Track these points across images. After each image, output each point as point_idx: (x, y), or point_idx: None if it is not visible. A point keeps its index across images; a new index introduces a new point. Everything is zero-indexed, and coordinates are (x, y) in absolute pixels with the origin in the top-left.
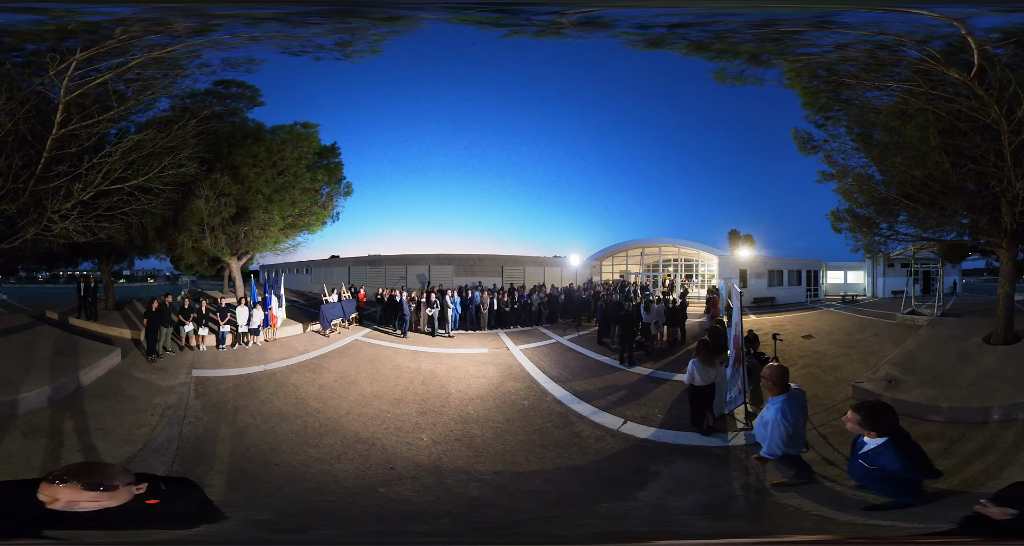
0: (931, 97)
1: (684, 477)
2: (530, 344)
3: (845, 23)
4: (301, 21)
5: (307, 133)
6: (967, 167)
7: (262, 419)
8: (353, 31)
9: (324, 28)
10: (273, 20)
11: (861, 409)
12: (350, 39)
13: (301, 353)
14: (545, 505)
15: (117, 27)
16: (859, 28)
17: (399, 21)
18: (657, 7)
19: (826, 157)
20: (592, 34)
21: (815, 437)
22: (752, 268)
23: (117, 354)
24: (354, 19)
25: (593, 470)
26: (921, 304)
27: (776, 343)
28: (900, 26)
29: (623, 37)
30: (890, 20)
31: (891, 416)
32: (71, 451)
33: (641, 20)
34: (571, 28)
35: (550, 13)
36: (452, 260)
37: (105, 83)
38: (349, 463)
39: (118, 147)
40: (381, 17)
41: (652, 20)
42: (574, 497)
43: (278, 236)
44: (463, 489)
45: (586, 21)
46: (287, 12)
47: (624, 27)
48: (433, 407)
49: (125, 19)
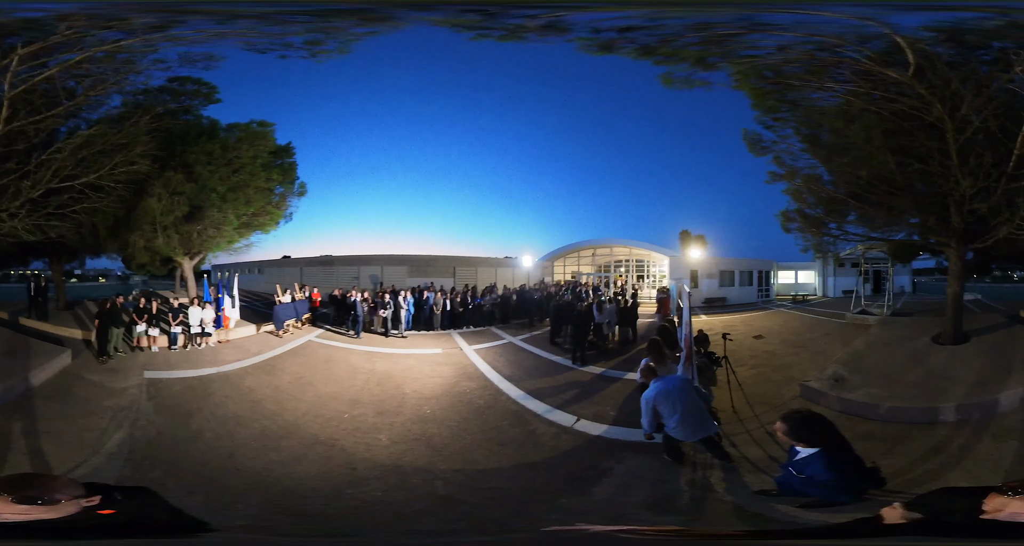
0: (874, 97)
1: (635, 473)
2: (483, 344)
3: (778, 25)
4: (278, 19)
5: (263, 132)
6: (913, 166)
7: (218, 422)
8: (327, 30)
9: (299, 26)
10: (246, 17)
11: (789, 419)
12: (321, 38)
13: (255, 354)
14: (510, 501)
15: (62, 23)
16: (792, 30)
17: (381, 22)
18: (607, 11)
19: (775, 158)
20: (551, 38)
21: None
22: (703, 268)
23: (68, 355)
24: (333, 19)
25: (550, 467)
26: (871, 304)
27: (726, 343)
28: (828, 27)
29: (579, 41)
30: (816, 22)
31: (820, 427)
32: (18, 455)
33: (594, 24)
34: (534, 32)
35: (522, 16)
36: (405, 261)
37: (53, 79)
38: (311, 465)
39: (68, 144)
40: (369, 17)
41: (603, 24)
42: (533, 493)
43: (232, 236)
44: (429, 488)
45: (548, 25)
46: (264, 11)
47: (579, 32)
48: (390, 407)
49: (70, 15)
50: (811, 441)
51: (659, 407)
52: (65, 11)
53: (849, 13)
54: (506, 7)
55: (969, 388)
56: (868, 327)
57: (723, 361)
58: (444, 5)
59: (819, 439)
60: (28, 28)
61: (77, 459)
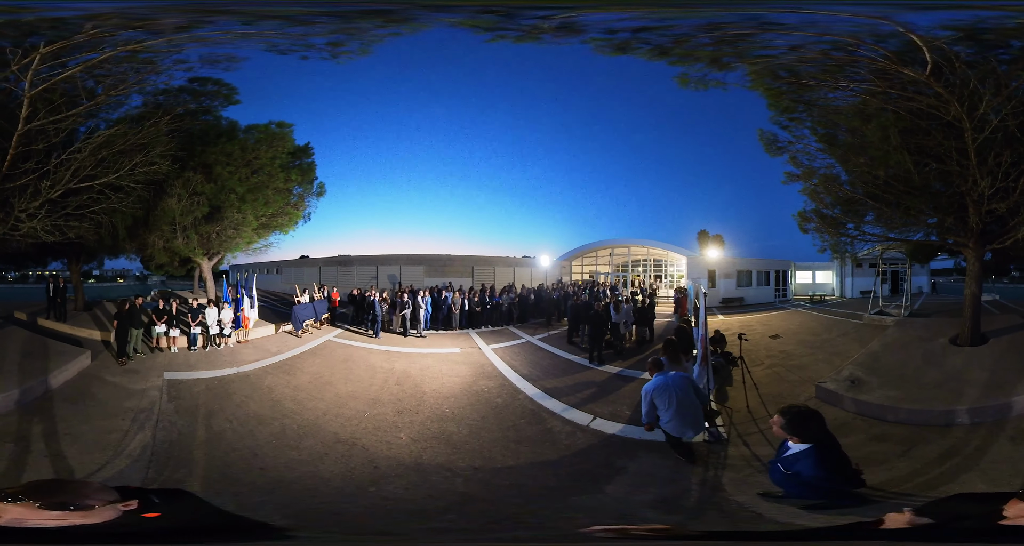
0: (891, 96)
1: (648, 472)
2: (501, 343)
3: (788, 25)
4: (302, 20)
5: (282, 133)
6: (931, 166)
7: (239, 422)
8: (350, 31)
9: (322, 27)
10: (271, 18)
11: (786, 413)
12: (343, 39)
13: (274, 354)
14: (524, 498)
15: (88, 22)
16: (803, 29)
17: (403, 23)
18: (621, 11)
19: (792, 158)
20: (566, 39)
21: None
22: (721, 268)
23: (87, 356)
24: (357, 19)
25: (566, 465)
26: (889, 304)
27: (742, 343)
28: (841, 26)
29: (593, 42)
30: (827, 21)
31: (816, 423)
32: (39, 458)
33: (608, 24)
34: (549, 33)
35: (535, 17)
36: (423, 260)
37: (74, 78)
38: (333, 464)
39: (88, 143)
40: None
41: (617, 24)
42: (549, 491)
43: (251, 236)
44: (449, 485)
45: (563, 25)
46: (290, 11)
47: (594, 32)
48: (409, 406)
49: (98, 14)
50: (804, 437)
51: (656, 400)
52: (94, 10)
53: (863, 12)
54: (520, 8)
55: (987, 390)
56: (885, 328)
57: (739, 361)
58: (463, 6)
59: (813, 435)
60: (53, 27)
61: (99, 461)
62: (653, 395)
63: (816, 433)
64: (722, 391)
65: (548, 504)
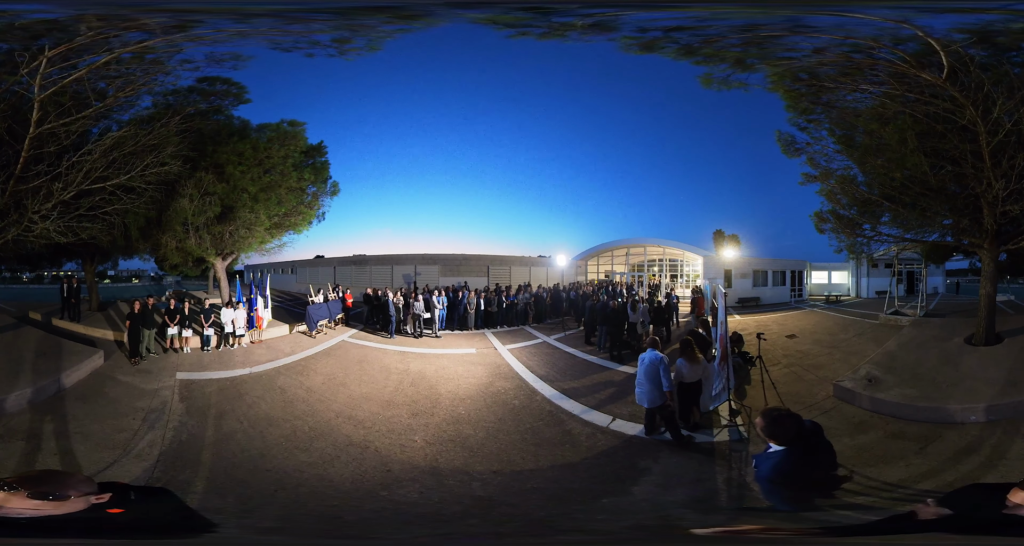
0: (908, 99)
1: (673, 472)
2: (517, 344)
3: (815, 27)
4: (298, 17)
5: (294, 131)
6: (946, 168)
7: (249, 423)
8: (354, 28)
9: (322, 24)
10: (263, 16)
11: (765, 416)
12: (348, 36)
13: (287, 355)
14: (550, 502)
15: (80, 24)
16: (827, 31)
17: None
18: (656, 11)
19: (809, 159)
20: (594, 37)
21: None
22: (737, 268)
23: (100, 356)
24: (357, 16)
25: (588, 467)
26: (905, 304)
27: (760, 342)
28: (864, 29)
29: (622, 41)
30: (853, 24)
31: (789, 427)
32: (49, 456)
33: (641, 23)
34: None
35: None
36: (438, 260)
37: (83, 80)
38: (344, 467)
39: (99, 145)
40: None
41: (650, 23)
42: (574, 493)
43: (264, 236)
44: (466, 489)
45: (595, 24)
46: (281, 8)
47: (626, 31)
48: (424, 408)
49: (84, 16)
50: (780, 439)
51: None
52: (79, 13)
53: (885, 15)
54: (557, 5)
55: (1002, 388)
56: (901, 328)
57: (757, 360)
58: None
59: (785, 439)
60: (51, 30)
61: (108, 460)
62: (643, 374)
63: (790, 436)
64: (741, 390)
65: (579, 506)
